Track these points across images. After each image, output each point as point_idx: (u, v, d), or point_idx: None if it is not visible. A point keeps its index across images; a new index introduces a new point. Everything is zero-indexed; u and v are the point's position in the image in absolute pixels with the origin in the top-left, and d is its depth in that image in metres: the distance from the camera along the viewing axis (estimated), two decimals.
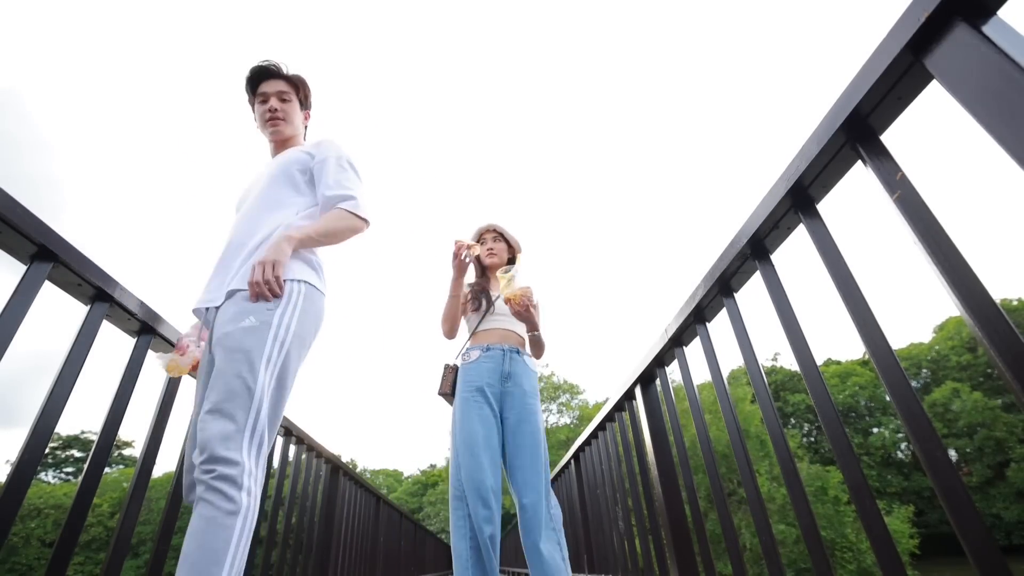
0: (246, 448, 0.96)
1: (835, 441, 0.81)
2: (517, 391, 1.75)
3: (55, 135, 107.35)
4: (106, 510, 24.76)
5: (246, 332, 1.05)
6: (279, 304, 1.10)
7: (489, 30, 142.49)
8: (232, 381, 0.99)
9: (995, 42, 0.51)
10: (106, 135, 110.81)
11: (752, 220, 0.98)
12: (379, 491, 4.24)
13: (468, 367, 1.78)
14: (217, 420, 0.96)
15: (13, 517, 0.88)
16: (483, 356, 1.78)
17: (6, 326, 0.86)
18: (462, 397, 1.73)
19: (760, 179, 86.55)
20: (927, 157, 75.35)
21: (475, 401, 1.71)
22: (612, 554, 2.34)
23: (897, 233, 0.66)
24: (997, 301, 0.55)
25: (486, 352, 1.79)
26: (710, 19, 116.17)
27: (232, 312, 1.09)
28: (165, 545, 1.36)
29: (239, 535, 0.90)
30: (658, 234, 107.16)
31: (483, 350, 1.79)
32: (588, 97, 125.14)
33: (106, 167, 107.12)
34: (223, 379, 1.00)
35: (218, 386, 0.99)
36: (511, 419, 1.73)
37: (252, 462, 0.97)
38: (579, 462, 3.02)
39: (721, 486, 1.26)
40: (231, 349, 1.03)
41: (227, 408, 0.97)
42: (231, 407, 0.97)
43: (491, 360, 1.77)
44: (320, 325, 1.22)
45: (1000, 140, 0.51)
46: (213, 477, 0.90)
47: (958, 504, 0.59)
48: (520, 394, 1.75)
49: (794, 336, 0.91)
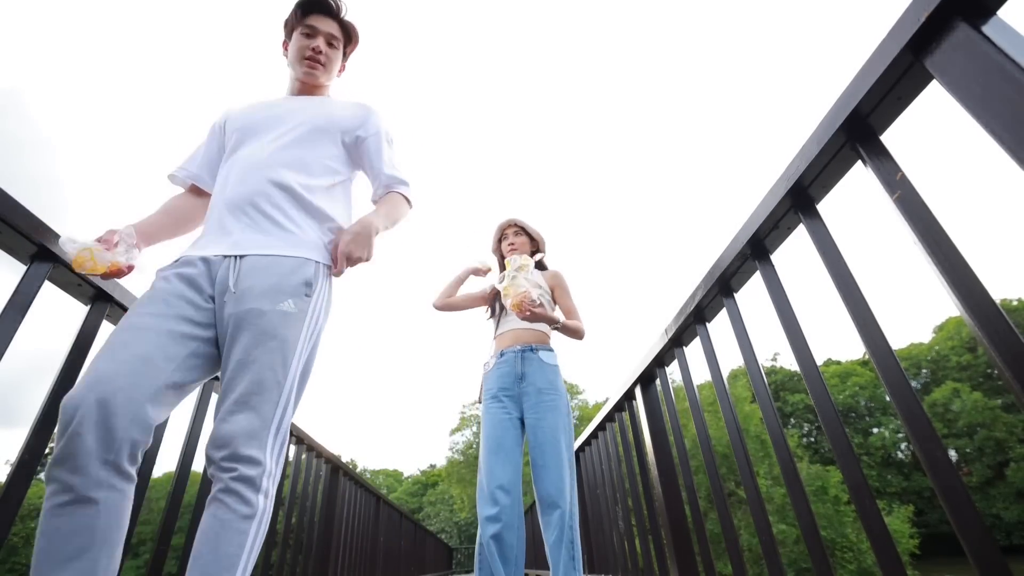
0: (269, 447, 0.90)
1: (835, 441, 0.81)
2: (531, 390, 1.75)
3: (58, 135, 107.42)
4: None
5: (284, 318, 0.95)
6: (315, 291, 1.01)
7: (493, 31, 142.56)
8: (264, 372, 0.90)
9: (995, 42, 0.51)
10: (108, 136, 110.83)
11: (752, 220, 0.98)
12: (379, 491, 4.24)
13: (487, 376, 1.86)
14: (245, 414, 0.87)
15: (13, 517, 0.88)
16: (497, 362, 1.84)
17: (6, 326, 0.87)
18: (484, 405, 1.81)
19: (760, 179, 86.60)
20: (927, 157, 75.36)
21: (492, 407, 1.77)
22: (612, 554, 2.34)
23: (897, 233, 0.66)
24: (997, 301, 0.55)
25: (500, 358, 1.84)
26: (711, 19, 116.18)
27: (267, 285, 0.96)
28: (165, 545, 1.36)
29: (253, 539, 0.85)
30: (658, 234, 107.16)
31: (498, 357, 1.85)
32: (589, 98, 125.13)
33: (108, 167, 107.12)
34: (254, 368, 0.90)
35: (247, 376, 0.90)
36: (530, 419, 1.73)
37: (273, 462, 0.90)
38: (579, 462, 3.02)
39: (721, 486, 1.26)
40: (266, 334, 0.92)
41: (255, 402, 0.89)
42: (259, 401, 0.89)
43: (505, 365, 1.82)
44: None
45: (1000, 140, 0.51)
46: (233, 477, 0.84)
47: (958, 504, 0.59)
48: (535, 392, 1.75)
49: (794, 336, 0.91)
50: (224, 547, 0.82)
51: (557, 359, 1.85)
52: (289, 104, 1.24)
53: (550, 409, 1.71)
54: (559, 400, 1.74)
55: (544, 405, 1.72)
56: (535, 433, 1.70)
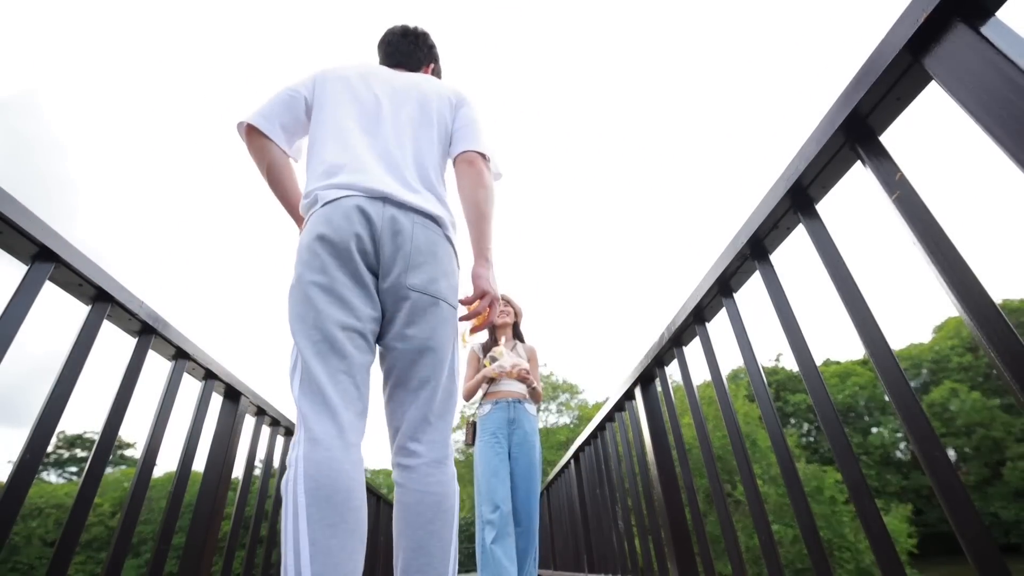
0: None
1: (834, 441, 0.81)
2: (520, 431, 2.42)
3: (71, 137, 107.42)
4: (107, 510, 24.74)
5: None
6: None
7: (487, 27, 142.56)
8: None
9: (994, 43, 0.52)
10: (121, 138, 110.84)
11: (752, 220, 0.99)
12: (379, 490, 4.24)
13: (485, 418, 2.44)
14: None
15: (15, 517, 0.88)
16: (495, 408, 2.44)
17: (7, 326, 0.87)
18: (483, 440, 2.37)
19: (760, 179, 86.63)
20: (926, 158, 75.43)
21: (492, 443, 2.35)
22: (612, 554, 2.34)
23: (896, 233, 0.66)
24: (997, 302, 0.55)
25: (496, 405, 2.45)
26: (710, 19, 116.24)
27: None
28: (166, 545, 1.36)
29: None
30: (658, 234, 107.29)
31: (494, 404, 2.45)
32: (589, 96, 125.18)
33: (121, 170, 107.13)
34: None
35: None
36: (515, 453, 2.39)
37: None
38: (579, 462, 3.02)
39: (721, 486, 1.27)
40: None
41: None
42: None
43: (502, 411, 2.43)
44: None
45: (998, 141, 0.51)
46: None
47: (957, 503, 0.59)
48: (522, 434, 2.42)
49: (793, 336, 0.91)
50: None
51: (535, 412, 2.55)
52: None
53: (531, 448, 2.40)
54: (536, 441, 2.45)
55: (529, 443, 2.41)
56: (518, 464, 2.37)
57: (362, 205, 0.97)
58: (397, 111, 1.15)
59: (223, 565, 1.74)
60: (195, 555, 1.52)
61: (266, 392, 1.91)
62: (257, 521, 1.95)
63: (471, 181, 1.12)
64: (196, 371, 1.51)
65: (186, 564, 1.51)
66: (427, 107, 1.18)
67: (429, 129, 1.16)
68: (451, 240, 1.08)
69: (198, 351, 1.46)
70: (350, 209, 0.96)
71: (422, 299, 0.98)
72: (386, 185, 1.00)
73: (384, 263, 0.97)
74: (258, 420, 1.93)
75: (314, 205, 1.00)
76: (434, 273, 1.00)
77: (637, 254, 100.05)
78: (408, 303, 0.98)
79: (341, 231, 0.94)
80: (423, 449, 0.97)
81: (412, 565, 0.87)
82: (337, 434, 0.85)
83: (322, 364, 0.89)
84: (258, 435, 1.92)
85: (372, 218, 0.97)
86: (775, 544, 1.03)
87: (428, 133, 1.16)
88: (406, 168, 1.07)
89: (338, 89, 1.15)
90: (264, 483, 2.05)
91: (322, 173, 1.03)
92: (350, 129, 1.09)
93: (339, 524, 0.77)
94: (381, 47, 1.41)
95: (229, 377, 1.65)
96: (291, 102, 1.13)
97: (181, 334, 1.37)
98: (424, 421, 0.98)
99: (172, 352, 1.38)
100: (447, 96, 1.23)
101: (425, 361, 0.99)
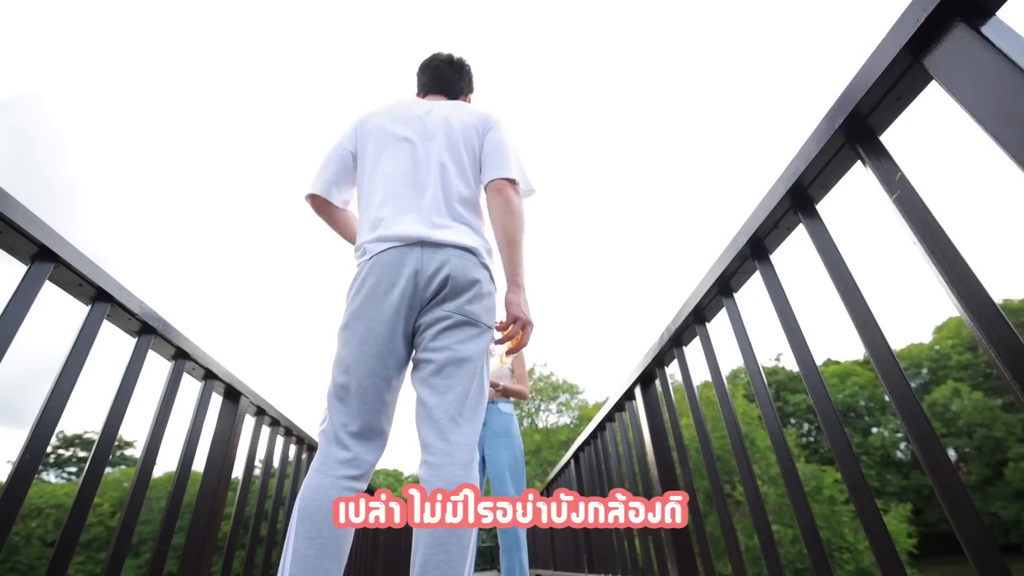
0: None
1: (834, 441, 0.81)
2: (488, 433, 2.39)
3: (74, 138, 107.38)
4: (107, 510, 24.74)
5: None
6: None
7: (487, 27, 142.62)
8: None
9: (994, 43, 0.51)
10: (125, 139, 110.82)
11: (752, 220, 0.99)
12: None
13: None
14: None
15: (14, 517, 0.88)
16: None
17: (7, 326, 0.87)
18: None
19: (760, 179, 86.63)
20: (927, 157, 75.42)
21: None
22: (612, 554, 2.34)
23: (897, 233, 0.66)
24: (997, 301, 0.55)
25: None
26: (710, 19, 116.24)
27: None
28: (165, 545, 1.36)
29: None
30: (658, 234, 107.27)
31: None
32: (589, 95, 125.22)
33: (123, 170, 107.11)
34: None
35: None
36: (488, 455, 2.38)
37: None
38: (579, 462, 3.02)
39: (721, 486, 1.27)
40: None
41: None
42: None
43: None
44: None
45: (999, 140, 0.51)
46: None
47: (957, 503, 0.59)
48: (491, 435, 2.38)
49: (794, 336, 0.91)
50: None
51: (512, 410, 2.49)
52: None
53: (503, 448, 2.35)
54: (511, 441, 2.38)
55: (499, 444, 2.35)
56: (491, 465, 2.36)
57: (403, 252, 1.10)
58: (428, 149, 1.24)
59: (223, 565, 1.74)
60: (195, 555, 1.52)
61: (266, 392, 1.92)
62: (257, 521, 1.95)
63: (500, 210, 1.19)
64: (196, 371, 1.51)
65: (186, 564, 1.51)
66: (455, 139, 1.26)
67: (459, 161, 1.24)
68: (487, 267, 1.18)
69: (198, 351, 1.46)
70: (394, 257, 1.10)
71: (457, 318, 1.09)
72: (421, 230, 1.13)
73: (426, 296, 1.10)
74: (258, 420, 1.93)
75: (363, 256, 1.15)
76: (470, 296, 1.11)
77: (637, 254, 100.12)
78: (445, 321, 1.09)
79: (385, 278, 1.09)
80: (449, 448, 1.02)
81: (431, 561, 0.91)
82: (336, 464, 1.03)
83: (339, 404, 1.06)
84: (258, 435, 1.92)
85: (413, 261, 1.10)
86: (775, 544, 1.03)
87: (459, 166, 1.24)
88: (438, 206, 1.17)
89: (376, 139, 1.28)
90: (264, 483, 2.05)
91: (368, 227, 1.17)
92: (389, 176, 1.21)
93: (316, 538, 0.95)
94: (426, 71, 1.49)
95: (229, 377, 1.65)
96: (341, 160, 1.30)
97: (181, 334, 1.37)
98: (452, 421, 1.05)
99: (172, 352, 1.38)
100: (474, 124, 1.30)
101: (454, 369, 1.07)
